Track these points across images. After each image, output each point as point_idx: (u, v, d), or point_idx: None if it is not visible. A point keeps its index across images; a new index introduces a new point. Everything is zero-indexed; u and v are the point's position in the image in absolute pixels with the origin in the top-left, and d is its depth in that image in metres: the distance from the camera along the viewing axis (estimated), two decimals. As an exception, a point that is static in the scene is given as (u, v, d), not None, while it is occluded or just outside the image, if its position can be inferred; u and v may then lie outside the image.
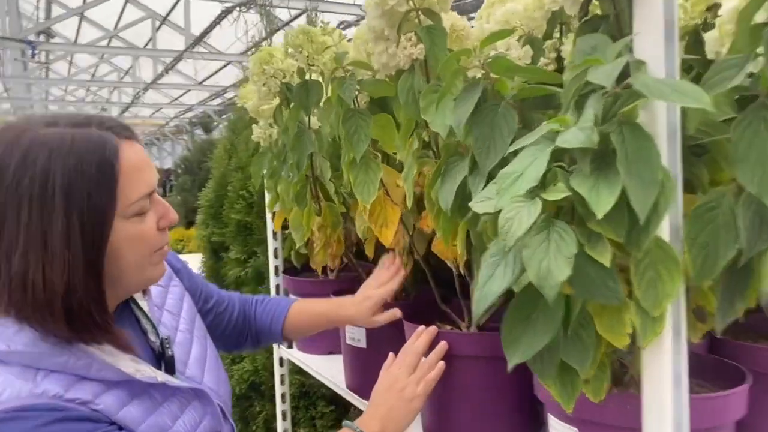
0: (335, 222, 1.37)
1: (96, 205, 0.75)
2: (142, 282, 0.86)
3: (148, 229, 0.82)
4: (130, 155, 0.79)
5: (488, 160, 0.77)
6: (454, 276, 1.21)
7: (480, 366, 1.12)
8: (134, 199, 0.79)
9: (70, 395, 0.74)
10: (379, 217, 1.11)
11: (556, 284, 0.62)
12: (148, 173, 0.82)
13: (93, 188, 0.75)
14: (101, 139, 0.77)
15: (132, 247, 0.80)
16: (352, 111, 1.08)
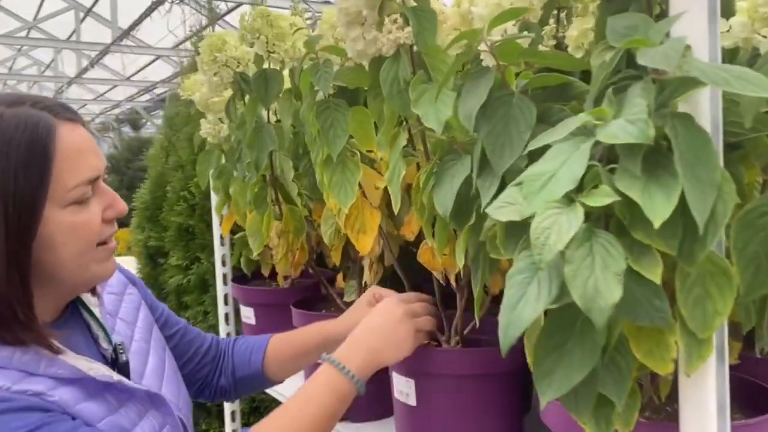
0: (298, 227, 1.24)
1: (23, 189, 0.69)
2: (86, 280, 0.79)
3: (89, 219, 0.75)
4: (69, 137, 0.73)
5: (502, 160, 0.67)
6: (435, 286, 1.10)
7: (467, 385, 1.02)
8: (72, 185, 0.72)
9: (19, 387, 0.68)
10: (356, 222, 0.99)
11: (607, 307, 0.52)
12: (92, 158, 0.75)
13: (20, 170, 0.69)
14: (33, 119, 0.71)
15: (69, 238, 0.73)
16: (327, 103, 0.96)
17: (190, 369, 1.07)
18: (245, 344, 1.14)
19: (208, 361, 1.11)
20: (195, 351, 1.09)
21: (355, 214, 0.98)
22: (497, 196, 0.68)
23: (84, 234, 0.74)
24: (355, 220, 0.99)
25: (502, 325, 0.57)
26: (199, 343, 1.10)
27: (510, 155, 0.66)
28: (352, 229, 0.99)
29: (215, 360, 1.13)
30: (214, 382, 1.12)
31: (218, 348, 1.13)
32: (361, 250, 0.99)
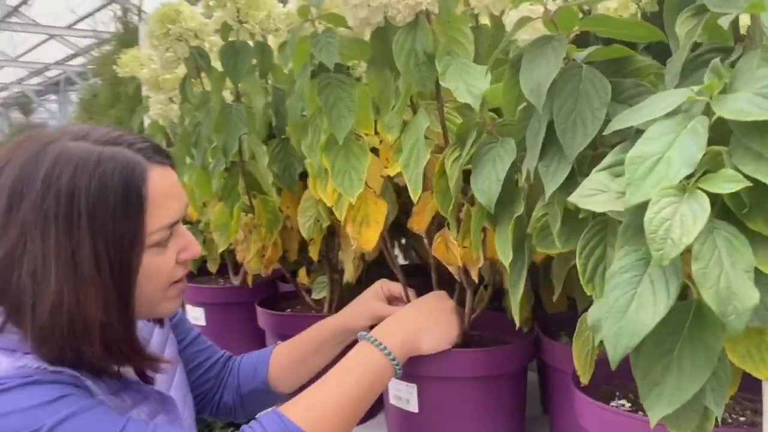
0: (272, 220, 1.11)
1: (120, 231, 0.69)
2: (152, 314, 0.81)
3: (165, 263, 0.75)
4: (159, 181, 0.73)
5: (575, 141, 0.58)
6: (433, 282, 1.01)
7: (480, 388, 0.94)
8: (155, 228, 0.73)
9: (55, 368, 0.68)
10: (357, 214, 0.88)
11: (745, 310, 0.45)
12: (176, 203, 0.76)
13: (118, 213, 0.69)
14: (130, 161, 0.71)
15: (146, 280, 0.73)
16: (327, 78, 0.84)
17: (191, 381, 1.00)
18: (250, 358, 1.08)
19: (212, 377, 1.04)
20: (200, 363, 1.03)
21: (357, 205, 0.87)
22: (568, 183, 0.60)
23: (159, 276, 0.75)
24: (357, 211, 0.88)
25: (610, 332, 0.49)
26: (207, 356, 1.05)
27: (583, 136, 0.58)
28: (353, 222, 0.88)
29: (220, 376, 1.05)
30: (216, 398, 1.05)
31: (225, 365, 1.07)
32: (364, 245, 0.88)
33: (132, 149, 0.73)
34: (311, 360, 1.07)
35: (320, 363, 1.08)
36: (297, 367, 1.07)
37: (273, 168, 1.14)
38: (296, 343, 1.09)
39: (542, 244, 0.68)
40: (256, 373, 1.07)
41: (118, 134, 0.74)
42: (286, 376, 1.07)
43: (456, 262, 0.84)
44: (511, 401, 1.00)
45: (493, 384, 0.96)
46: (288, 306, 1.35)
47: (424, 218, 0.86)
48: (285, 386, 1.08)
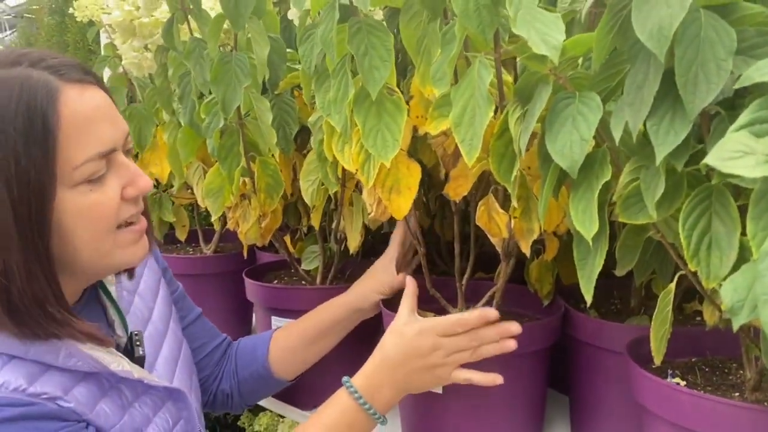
0: (272, 185, 1.00)
1: (26, 170, 0.58)
2: (108, 267, 0.70)
3: (103, 200, 0.64)
4: (77, 103, 0.62)
5: (697, 96, 0.50)
6: (456, 254, 0.93)
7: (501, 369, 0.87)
8: (81, 160, 0.62)
9: (35, 389, 0.62)
10: (387, 178, 0.78)
11: None
12: (107, 128, 0.64)
13: (20, 145, 0.58)
14: (33, 82, 0.60)
15: (81, 222, 0.63)
16: (358, 23, 0.73)
17: None
18: (248, 342, 1.00)
19: (212, 363, 0.96)
20: (200, 347, 0.94)
21: (389, 169, 0.77)
22: (686, 144, 0.53)
23: (99, 218, 0.64)
24: (386, 176, 0.78)
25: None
26: (207, 339, 0.96)
27: (706, 91, 0.50)
28: (382, 187, 0.79)
29: (220, 363, 0.97)
30: (213, 386, 0.96)
31: (226, 351, 0.98)
32: (395, 213, 0.79)
33: (38, 68, 0.61)
34: (318, 343, 0.99)
35: (327, 346, 1.00)
36: (302, 350, 0.99)
37: (269, 126, 1.02)
38: (300, 325, 1.00)
39: (627, 214, 0.61)
40: (255, 355, 0.98)
41: (21, 53, 0.62)
42: (289, 360, 0.99)
43: (500, 233, 0.76)
44: (540, 379, 0.94)
45: (525, 361, 0.89)
46: (275, 277, 1.24)
47: (464, 184, 0.77)
48: (287, 371, 0.99)
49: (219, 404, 0.98)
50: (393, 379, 0.80)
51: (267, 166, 0.98)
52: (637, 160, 0.61)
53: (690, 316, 0.94)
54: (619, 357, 0.84)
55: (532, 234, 0.73)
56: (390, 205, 0.78)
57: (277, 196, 0.99)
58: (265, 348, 0.97)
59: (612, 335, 0.87)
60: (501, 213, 0.75)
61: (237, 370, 0.97)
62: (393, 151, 0.74)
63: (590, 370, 0.92)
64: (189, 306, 0.94)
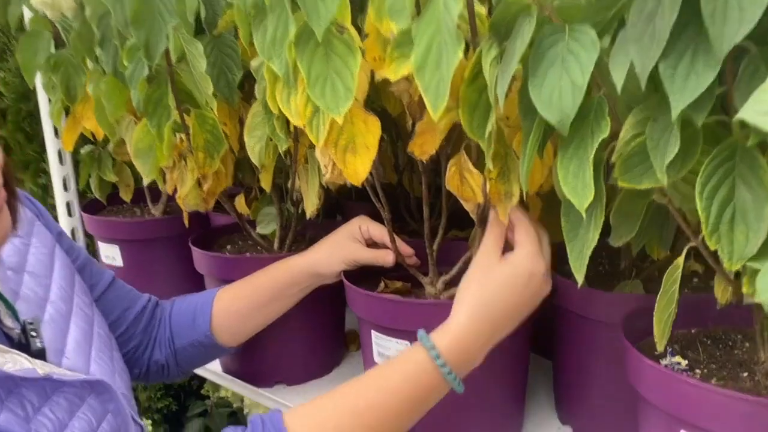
0: (212, 142, 0.86)
1: None
2: None
3: None
4: None
5: (728, 27, 0.38)
6: (426, 218, 0.82)
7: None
8: None
9: None
10: (341, 136, 0.66)
11: None
12: None
13: None
14: None
15: None
16: (296, -56, 0.59)
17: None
18: (186, 304, 0.88)
19: (140, 331, 0.84)
20: (120, 317, 0.82)
21: (338, 125, 0.65)
22: (710, 92, 0.41)
23: None
24: (339, 133, 0.66)
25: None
26: (128, 305, 0.84)
27: (740, 20, 0.38)
28: (335, 146, 0.66)
29: (149, 329, 0.85)
30: (145, 357, 0.85)
31: (154, 314, 0.87)
32: (350, 177, 0.67)
33: None
34: (268, 307, 0.88)
35: (278, 311, 0.90)
36: (252, 314, 0.88)
37: (206, 74, 0.88)
38: (249, 286, 0.88)
39: (629, 177, 0.50)
40: (195, 323, 0.87)
41: None
42: (236, 326, 0.88)
43: (474, 197, 0.65)
44: (523, 348, 0.85)
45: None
46: (228, 242, 1.12)
47: (431, 140, 0.65)
48: (233, 338, 0.89)
49: (153, 375, 0.87)
50: (487, 330, 0.65)
51: (204, 121, 0.85)
52: (642, 110, 0.49)
53: (686, 278, 0.85)
54: (609, 329, 0.74)
55: (511, 198, 0.62)
56: (345, 168, 0.66)
57: (219, 155, 0.86)
58: (207, 313, 0.86)
59: (602, 305, 0.77)
60: (475, 174, 0.64)
61: (173, 338, 0.86)
62: (345, 103, 0.61)
63: (577, 342, 0.83)
64: (97, 272, 0.81)
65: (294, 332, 0.99)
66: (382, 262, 0.85)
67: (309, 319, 0.99)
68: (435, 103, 0.55)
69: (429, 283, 0.86)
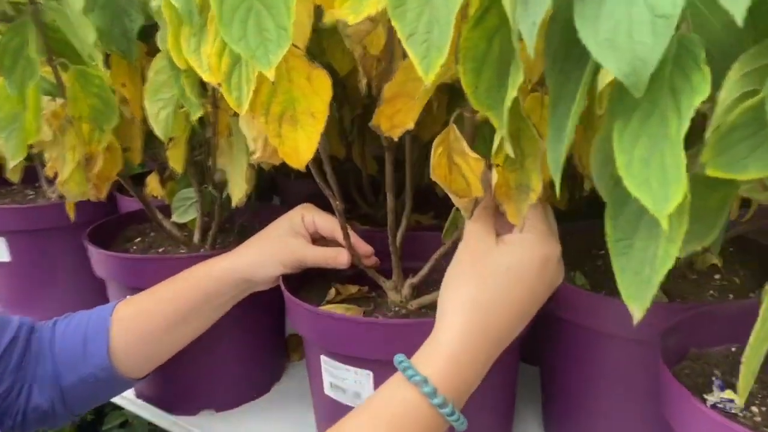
0: (100, 109, 0.64)
1: None
2: None
3: None
4: None
5: None
6: (390, 210, 0.63)
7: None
8: None
9: None
10: (274, 99, 0.46)
11: None
12: None
13: None
14: None
15: None
16: None
17: None
18: (73, 327, 0.67)
19: (10, 370, 0.63)
20: None
21: (270, 83, 0.45)
22: None
23: None
24: (272, 95, 0.46)
25: None
26: None
27: None
28: (266, 113, 0.46)
29: (22, 366, 0.64)
30: (19, 402, 0.64)
31: (29, 343, 0.65)
32: (290, 158, 0.47)
33: None
34: (184, 325, 0.69)
35: (197, 328, 0.70)
36: (159, 337, 0.68)
37: (92, 19, 0.65)
38: (158, 298, 0.68)
39: (724, 161, 0.32)
40: (87, 351, 0.66)
41: None
42: (142, 352, 0.68)
43: (469, 190, 0.46)
44: (513, 360, 0.68)
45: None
46: (136, 235, 0.90)
47: (408, 108, 0.46)
48: (138, 367, 0.69)
49: (33, 423, 0.66)
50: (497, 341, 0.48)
51: (88, 81, 0.63)
52: (755, 57, 0.31)
53: (705, 275, 0.69)
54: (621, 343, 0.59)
55: (527, 193, 0.43)
56: (281, 145, 0.46)
57: (110, 126, 0.65)
58: (102, 337, 0.66)
59: (614, 316, 0.61)
60: (471, 158, 0.45)
61: (58, 375, 0.65)
62: (278, 50, 0.41)
63: (579, 356, 0.66)
64: None
65: (221, 345, 0.79)
66: (333, 263, 0.66)
67: (240, 328, 0.79)
68: (427, 59, 0.36)
69: (392, 288, 0.68)
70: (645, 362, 0.61)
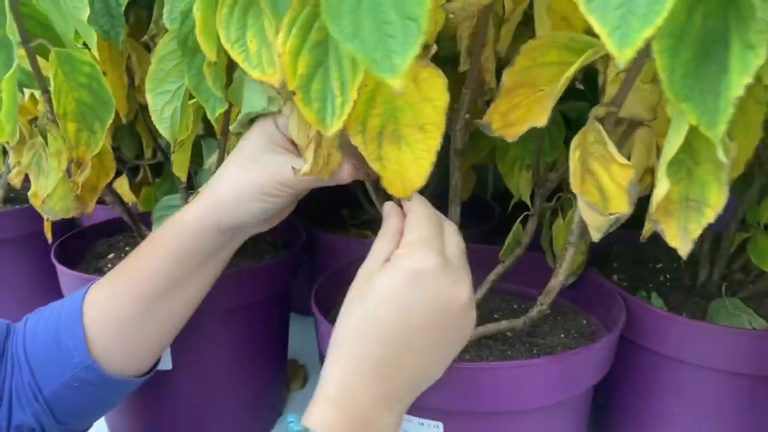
0: (91, 103, 0.51)
1: None
2: None
3: None
4: None
5: None
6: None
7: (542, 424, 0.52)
8: None
9: None
10: (372, 111, 0.35)
11: None
12: None
13: None
14: None
15: None
16: None
17: None
18: (43, 323, 0.54)
19: None
20: None
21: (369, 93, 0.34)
22: None
23: None
24: (370, 104, 0.35)
25: None
26: None
27: None
28: (364, 133, 0.35)
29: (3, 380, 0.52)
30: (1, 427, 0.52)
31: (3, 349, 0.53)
32: (392, 186, 0.36)
33: None
34: (169, 296, 0.55)
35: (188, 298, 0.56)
36: (145, 316, 0.54)
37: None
38: (132, 271, 0.55)
39: None
40: (63, 349, 0.53)
41: None
42: (128, 341, 0.55)
43: (605, 204, 0.37)
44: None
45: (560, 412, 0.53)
46: (108, 250, 0.76)
47: (529, 105, 0.36)
48: (129, 360, 0.56)
49: None
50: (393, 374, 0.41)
51: (75, 68, 0.49)
52: None
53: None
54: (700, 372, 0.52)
55: (701, 211, 0.34)
56: (384, 170, 0.36)
57: (103, 125, 0.51)
58: (78, 331, 0.52)
59: (701, 342, 0.54)
60: (618, 165, 0.36)
61: (38, 383, 0.52)
62: (408, 49, 0.30)
63: (651, 386, 0.59)
64: None
65: (212, 384, 0.68)
66: (334, 180, 0.49)
67: (234, 361, 0.68)
68: (622, 28, 0.26)
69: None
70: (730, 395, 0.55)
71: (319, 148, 0.43)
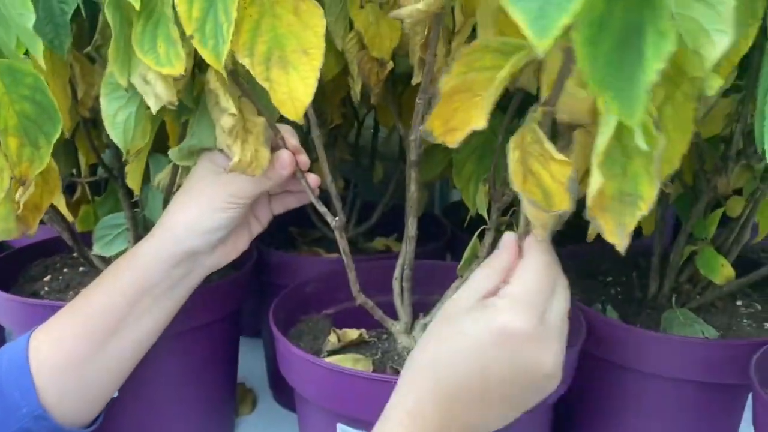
0: (36, 117, 0.48)
1: None
2: None
3: None
4: None
5: None
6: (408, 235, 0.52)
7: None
8: None
9: None
10: (258, 38, 0.36)
11: None
12: None
13: None
14: None
15: None
16: None
17: None
18: None
19: None
20: None
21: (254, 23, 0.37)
22: None
23: None
24: (256, 33, 0.38)
25: None
26: None
27: None
28: (252, 56, 0.39)
29: None
30: None
31: None
32: (283, 106, 0.41)
33: None
34: (125, 333, 0.53)
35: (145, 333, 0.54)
36: (99, 357, 0.52)
37: None
38: (84, 309, 0.52)
39: None
40: (8, 401, 0.49)
41: None
42: (80, 386, 0.52)
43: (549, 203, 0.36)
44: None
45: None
46: (44, 272, 0.71)
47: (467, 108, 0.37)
48: (80, 408, 0.53)
49: None
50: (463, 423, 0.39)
51: (17, 80, 0.46)
52: None
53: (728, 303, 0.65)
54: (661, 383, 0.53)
55: (635, 205, 0.35)
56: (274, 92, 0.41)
57: (49, 141, 0.48)
58: (24, 377, 0.49)
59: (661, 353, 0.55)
60: (557, 162, 0.36)
61: None
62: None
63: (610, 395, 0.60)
64: None
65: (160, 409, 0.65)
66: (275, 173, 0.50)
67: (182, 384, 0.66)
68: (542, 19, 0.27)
69: (403, 332, 0.58)
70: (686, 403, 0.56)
71: (245, 143, 0.45)
